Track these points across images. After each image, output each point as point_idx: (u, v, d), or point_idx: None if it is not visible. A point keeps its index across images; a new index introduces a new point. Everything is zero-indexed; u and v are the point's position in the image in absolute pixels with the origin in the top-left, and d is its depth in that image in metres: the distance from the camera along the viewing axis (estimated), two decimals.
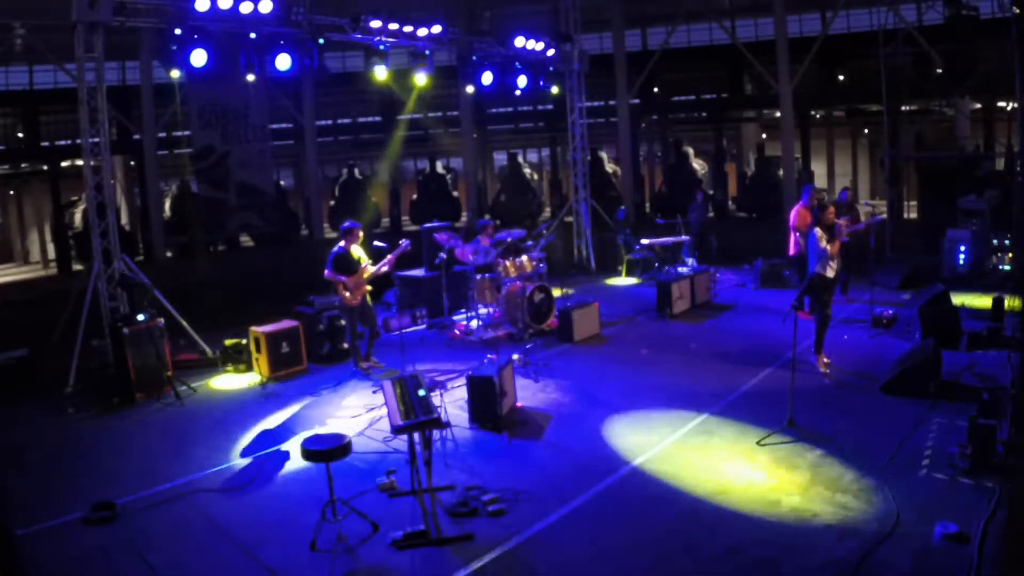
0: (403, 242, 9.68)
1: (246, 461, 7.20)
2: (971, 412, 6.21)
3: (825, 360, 8.87)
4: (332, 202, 26.87)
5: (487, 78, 13.98)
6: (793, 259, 12.21)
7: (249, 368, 10.06)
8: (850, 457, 6.54)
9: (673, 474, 6.46)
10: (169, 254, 22.58)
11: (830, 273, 8.75)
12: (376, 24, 11.92)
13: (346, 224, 9.77)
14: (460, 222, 24.94)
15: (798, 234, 11.41)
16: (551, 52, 15.40)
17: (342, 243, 9.65)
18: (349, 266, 9.57)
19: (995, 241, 13.20)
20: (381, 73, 12.28)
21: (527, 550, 5.43)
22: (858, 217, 12.49)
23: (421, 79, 12.99)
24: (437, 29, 12.74)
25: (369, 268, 9.65)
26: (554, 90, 15.61)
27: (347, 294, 9.57)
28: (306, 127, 24.63)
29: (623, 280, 15.49)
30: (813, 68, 21.62)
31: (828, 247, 8.62)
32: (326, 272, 9.55)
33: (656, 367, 9.51)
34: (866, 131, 27.68)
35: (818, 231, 8.69)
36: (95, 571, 5.53)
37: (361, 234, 9.76)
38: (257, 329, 9.73)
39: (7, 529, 5.44)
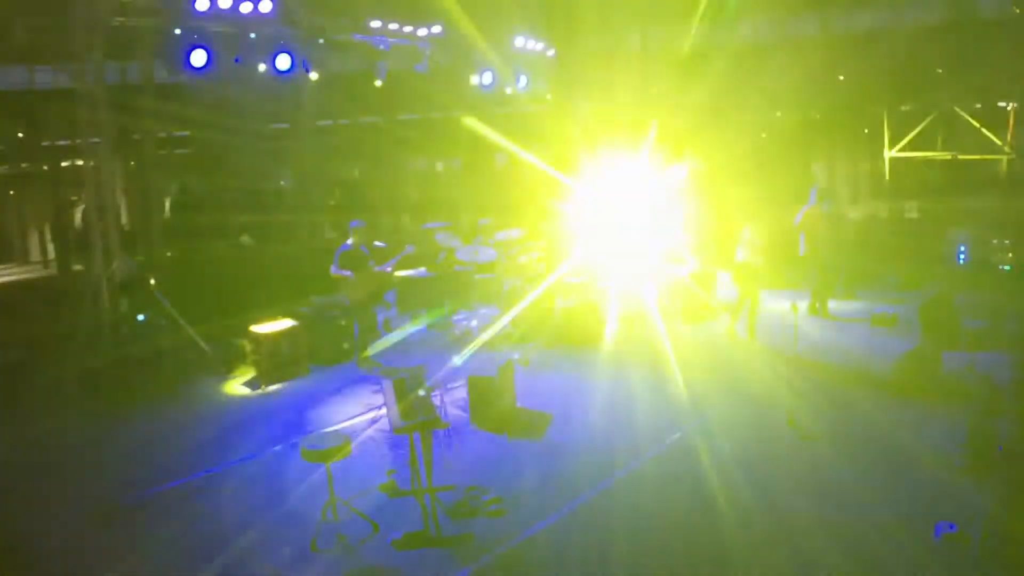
0: (408, 247, 9.83)
1: (246, 461, 7.20)
2: (971, 412, 6.21)
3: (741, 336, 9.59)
4: (332, 202, 26.81)
5: (487, 78, 13.97)
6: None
7: (249, 368, 10.05)
8: (850, 457, 6.54)
9: (673, 474, 6.47)
10: (169, 254, 22.53)
11: (757, 261, 9.93)
12: (376, 24, 11.92)
13: (354, 222, 9.91)
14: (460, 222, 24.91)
15: (803, 234, 11.37)
16: (551, 52, 15.36)
17: (349, 240, 9.75)
18: (355, 262, 9.63)
19: (995, 241, 13.19)
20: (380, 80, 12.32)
21: (527, 550, 5.43)
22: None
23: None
24: (437, 29, 12.73)
25: (373, 267, 9.76)
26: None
27: (352, 291, 9.62)
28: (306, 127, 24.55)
29: None
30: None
31: (759, 239, 9.74)
32: (332, 268, 9.63)
33: (656, 367, 9.50)
34: (866, 131, 27.60)
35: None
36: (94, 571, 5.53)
37: (367, 231, 9.88)
38: (257, 329, 9.73)
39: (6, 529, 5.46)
